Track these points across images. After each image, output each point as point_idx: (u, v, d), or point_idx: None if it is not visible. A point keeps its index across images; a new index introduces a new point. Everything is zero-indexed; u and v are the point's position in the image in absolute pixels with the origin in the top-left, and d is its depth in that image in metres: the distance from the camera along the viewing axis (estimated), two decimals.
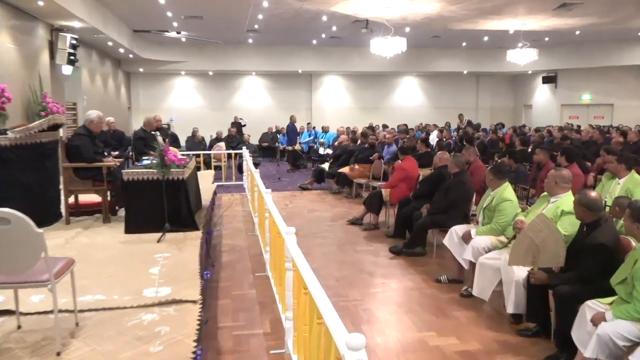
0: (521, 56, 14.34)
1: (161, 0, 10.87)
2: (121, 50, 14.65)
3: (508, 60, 14.91)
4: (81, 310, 3.44)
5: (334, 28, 14.39)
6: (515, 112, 22.43)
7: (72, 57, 10.50)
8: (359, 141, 10.88)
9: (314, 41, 17.24)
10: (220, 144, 13.26)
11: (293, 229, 3.25)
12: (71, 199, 6.10)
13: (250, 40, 17.09)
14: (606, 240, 3.43)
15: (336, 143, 12.73)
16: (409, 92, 21.73)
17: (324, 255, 5.99)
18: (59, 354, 2.92)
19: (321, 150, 14.34)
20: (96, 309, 3.52)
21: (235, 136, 14.44)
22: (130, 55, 16.02)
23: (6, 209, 2.81)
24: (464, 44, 18.07)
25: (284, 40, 16.88)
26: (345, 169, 9.72)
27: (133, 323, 3.32)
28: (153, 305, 3.58)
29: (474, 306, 4.44)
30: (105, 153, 6.51)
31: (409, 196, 6.77)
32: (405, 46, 11.87)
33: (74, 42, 10.46)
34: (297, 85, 20.74)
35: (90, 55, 13.76)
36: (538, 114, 20.64)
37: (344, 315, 4.04)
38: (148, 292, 3.81)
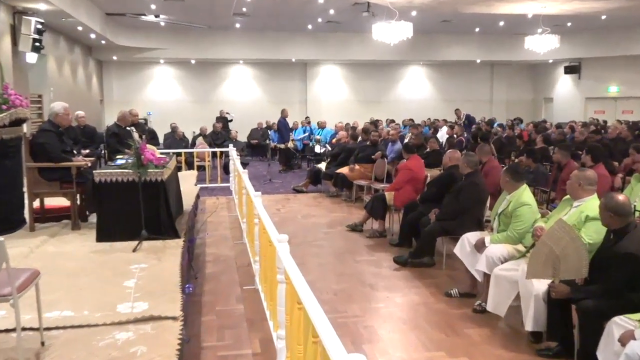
0: (541, 43, 14.39)
1: None
2: (92, 35, 14.62)
3: (526, 48, 14.96)
4: (47, 328, 3.43)
5: (332, 11, 14.41)
6: (534, 106, 22.52)
7: (37, 44, 10.46)
8: (359, 138, 10.89)
9: (309, 26, 17.27)
10: (204, 141, 13.25)
11: (286, 236, 3.25)
12: (36, 203, 6.07)
13: (237, 25, 17.09)
14: (636, 249, 3.44)
15: (334, 140, 12.74)
16: (416, 84, 21.78)
17: (320, 266, 6.00)
18: None
19: (317, 149, 14.34)
20: (64, 327, 3.50)
21: (221, 132, 14.43)
22: (103, 42, 15.99)
23: None
24: (477, 29, 18.13)
25: (275, 25, 16.89)
26: (344, 170, 9.73)
27: (105, 342, 3.31)
28: (128, 322, 3.57)
29: (489, 323, 4.44)
30: (75, 151, 6.49)
31: (415, 200, 6.78)
32: (411, 32, 11.89)
33: (39, 27, 10.42)
34: (291, 76, 20.75)
35: (57, 41, 13.72)
36: (559, 108, 20.73)
37: (342, 333, 4.04)
38: (122, 308, 3.80)
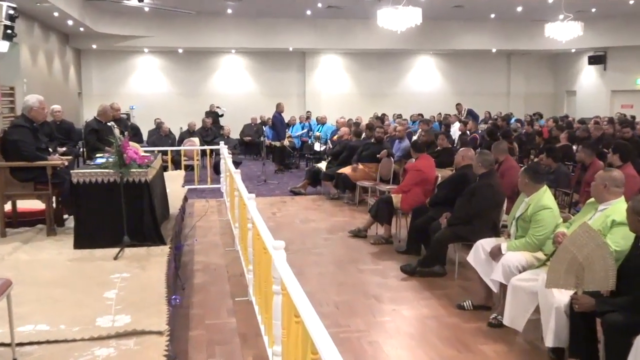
0: (563, 31, 14.40)
1: None
2: (70, 22, 14.62)
3: (547, 36, 14.97)
4: (20, 344, 3.43)
5: None
6: (555, 100, 22.52)
7: (9, 31, 10.46)
8: (363, 135, 10.89)
9: (308, 12, 17.27)
10: (193, 138, 13.26)
11: (282, 243, 3.25)
12: (8, 206, 6.08)
13: (229, 11, 17.09)
14: None
15: (335, 137, 12.75)
16: (425, 75, 21.77)
17: (320, 276, 6.00)
18: None
19: (316, 146, 14.36)
20: (38, 342, 3.50)
21: (211, 128, 14.44)
22: (81, 29, 15.99)
23: None
24: (492, 15, 18.12)
25: (270, 10, 16.89)
26: (347, 170, 9.73)
27: (84, 359, 3.30)
28: (109, 337, 3.57)
29: (505, 338, 4.44)
30: (50, 149, 6.49)
31: (424, 203, 6.79)
32: (420, 18, 11.90)
33: (11, 13, 10.42)
34: (287, 67, 20.74)
35: (31, 28, 13.72)
36: (583, 102, 20.74)
37: (345, 349, 4.03)
38: (103, 322, 3.80)
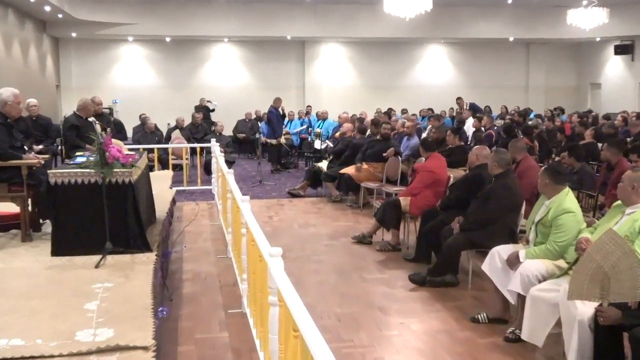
0: (586, 18, 14.41)
1: None
2: (47, 8, 14.64)
3: (569, 23, 14.99)
4: None
5: None
6: (578, 93, 22.53)
7: None
8: (368, 132, 10.89)
9: None
10: (181, 135, 13.25)
11: (279, 250, 3.26)
12: None
13: None
14: None
15: (337, 134, 12.75)
16: (435, 66, 21.79)
17: (320, 286, 6.00)
18: None
19: (317, 144, 14.35)
20: (12, 358, 3.49)
21: (201, 124, 14.42)
22: (60, 16, 16.01)
23: None
24: (509, 1, 18.14)
25: None
26: (350, 169, 9.74)
27: None
28: (89, 353, 3.56)
29: (523, 354, 4.44)
30: (26, 147, 6.49)
31: (435, 206, 6.78)
32: (430, 3, 11.92)
33: None
34: (285, 57, 20.77)
35: (5, 15, 13.73)
36: (609, 96, 20.76)
37: None
38: (83, 336, 3.79)
